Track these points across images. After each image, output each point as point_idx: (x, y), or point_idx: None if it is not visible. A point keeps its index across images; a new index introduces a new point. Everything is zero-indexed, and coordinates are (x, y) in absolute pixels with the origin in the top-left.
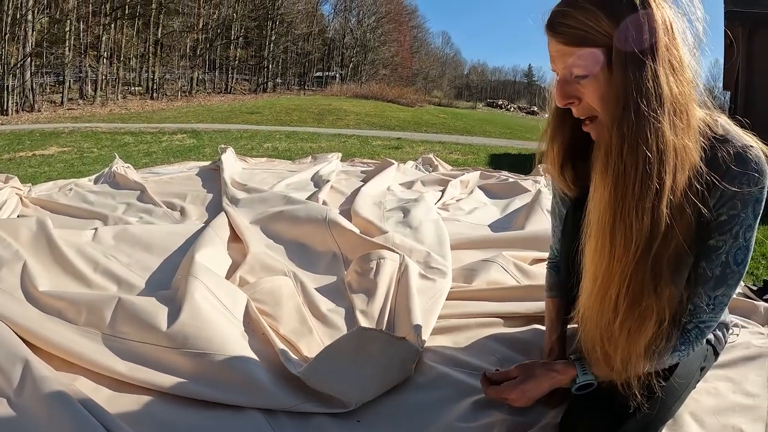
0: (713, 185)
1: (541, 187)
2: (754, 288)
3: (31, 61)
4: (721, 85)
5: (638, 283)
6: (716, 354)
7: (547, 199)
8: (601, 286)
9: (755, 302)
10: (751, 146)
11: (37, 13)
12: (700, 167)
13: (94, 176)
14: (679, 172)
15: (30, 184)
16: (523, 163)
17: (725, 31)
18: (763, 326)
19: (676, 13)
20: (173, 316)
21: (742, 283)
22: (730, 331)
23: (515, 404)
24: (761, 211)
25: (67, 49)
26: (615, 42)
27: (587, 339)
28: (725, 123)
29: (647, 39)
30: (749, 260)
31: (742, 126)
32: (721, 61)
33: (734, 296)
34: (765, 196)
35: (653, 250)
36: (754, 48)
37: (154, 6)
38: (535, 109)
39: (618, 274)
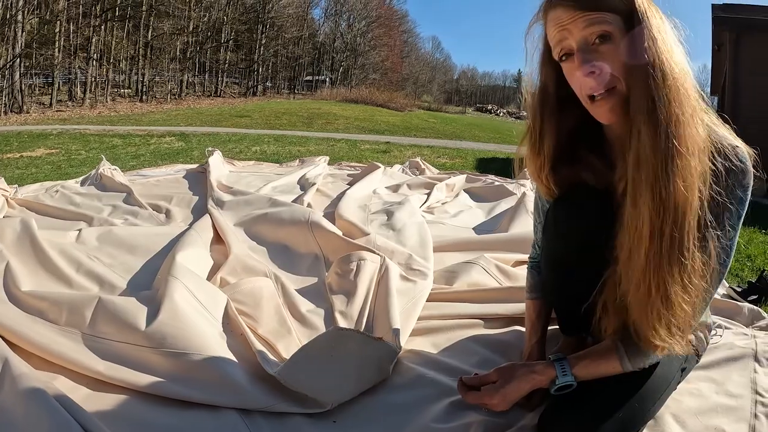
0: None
1: (526, 190)
2: (739, 289)
3: (21, 62)
4: (708, 89)
5: (704, 225)
6: (698, 355)
7: (531, 202)
8: (671, 239)
9: (739, 303)
10: (737, 146)
11: (27, 13)
12: (708, 147)
13: (80, 178)
14: (704, 130)
15: (16, 186)
16: (511, 168)
17: (713, 36)
18: (746, 327)
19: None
20: (152, 316)
21: (726, 284)
22: (713, 332)
23: (497, 409)
24: (745, 211)
25: (56, 50)
26: (636, 7)
27: (643, 313)
28: (711, 123)
29: (659, 19)
30: (731, 260)
31: (727, 123)
32: (709, 66)
33: (719, 298)
34: (749, 196)
35: (696, 205)
36: (741, 53)
37: (144, 8)
38: (525, 113)
39: (687, 220)
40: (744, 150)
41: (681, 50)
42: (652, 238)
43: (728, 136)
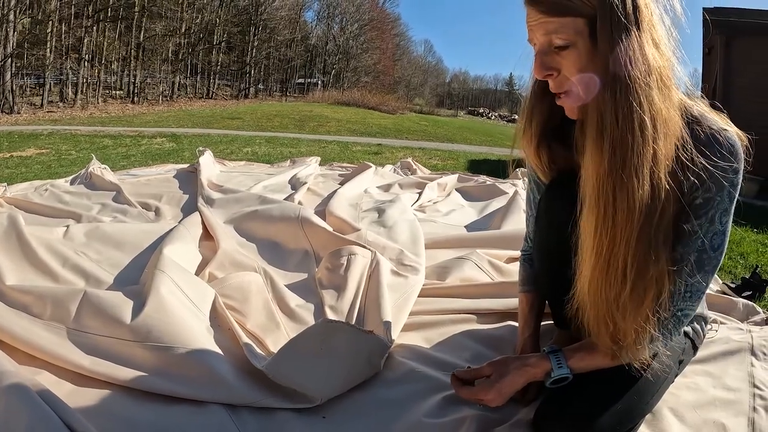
0: (689, 167)
1: (518, 189)
2: (733, 285)
3: (12, 62)
4: (699, 92)
5: (643, 250)
6: (695, 347)
7: (524, 200)
8: (607, 257)
9: (733, 299)
10: (726, 129)
11: (19, 13)
12: (685, 139)
13: (70, 177)
14: (669, 141)
15: (5, 184)
16: (502, 169)
17: (703, 39)
18: (741, 322)
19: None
20: (138, 310)
21: (719, 280)
22: (709, 326)
23: (492, 404)
24: (737, 195)
25: (48, 50)
26: (600, 10)
27: (593, 318)
28: (701, 108)
29: (631, 10)
30: (726, 246)
31: (717, 110)
32: (700, 70)
33: (713, 293)
34: (740, 180)
35: (656, 217)
36: (732, 56)
37: (136, 9)
38: (516, 117)
39: (624, 242)
40: (734, 134)
41: (659, 51)
42: (592, 254)
43: (718, 120)
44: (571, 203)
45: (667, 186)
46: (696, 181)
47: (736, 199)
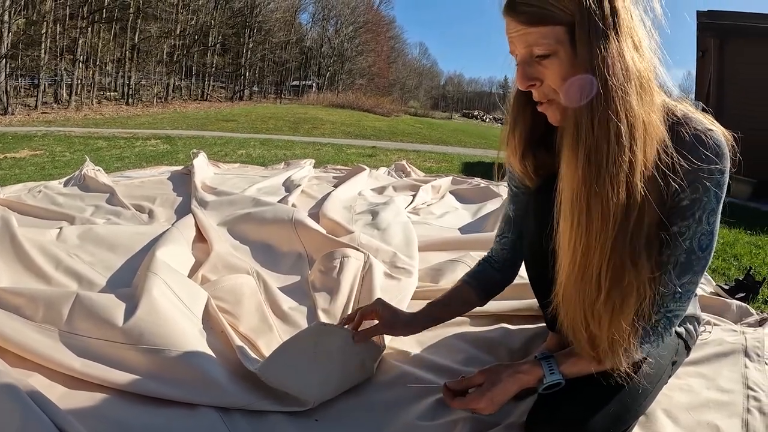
0: (675, 167)
1: None
2: (726, 287)
3: (6, 63)
4: (693, 95)
5: (618, 258)
6: (688, 348)
7: None
8: (581, 265)
9: (727, 300)
10: (711, 129)
11: (14, 14)
12: (666, 143)
13: (64, 179)
14: (649, 146)
15: None
16: (493, 171)
17: (697, 42)
18: (735, 324)
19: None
20: (130, 312)
21: (713, 282)
22: (702, 327)
23: (484, 412)
24: (724, 195)
25: (42, 51)
26: (578, 17)
27: (570, 322)
28: (685, 108)
29: (609, 15)
30: (714, 246)
31: (703, 110)
32: (694, 73)
33: (707, 295)
34: (727, 179)
35: (631, 224)
36: (725, 58)
37: (131, 10)
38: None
39: (598, 250)
40: (719, 133)
41: (639, 54)
42: (567, 261)
43: (704, 120)
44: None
45: (644, 193)
46: (682, 182)
47: (723, 199)
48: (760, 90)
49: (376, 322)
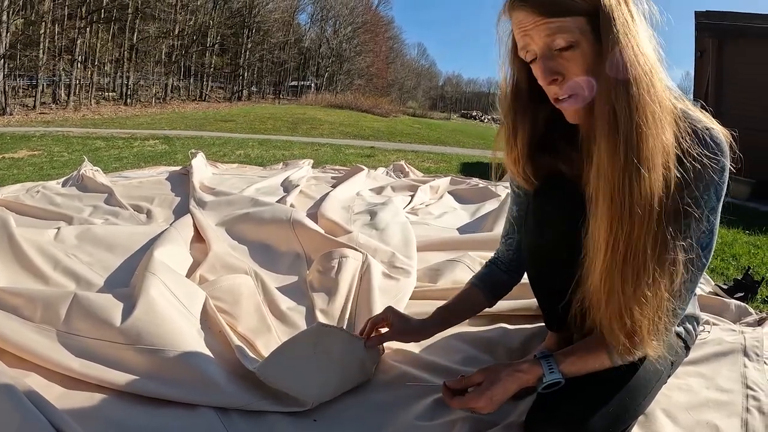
0: (684, 160)
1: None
2: (725, 287)
3: (5, 63)
4: (691, 96)
5: (662, 238)
6: (687, 348)
7: None
8: (623, 252)
9: (726, 300)
10: (711, 127)
11: (12, 14)
12: (680, 133)
13: (62, 179)
14: (671, 131)
15: None
16: (490, 171)
17: (695, 42)
18: (734, 323)
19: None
20: (128, 312)
21: (712, 282)
22: (701, 327)
23: (483, 411)
24: (724, 194)
25: (41, 51)
26: (602, 6)
27: (608, 315)
28: (685, 107)
29: (629, 3)
30: (714, 245)
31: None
32: (692, 73)
33: (705, 295)
34: (727, 178)
35: (667, 207)
36: (724, 59)
37: (130, 11)
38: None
39: (643, 233)
40: (719, 131)
41: (651, 45)
42: (607, 250)
43: (703, 119)
44: (563, 206)
45: (677, 174)
46: (683, 179)
47: (723, 198)
48: (759, 90)
49: (387, 329)
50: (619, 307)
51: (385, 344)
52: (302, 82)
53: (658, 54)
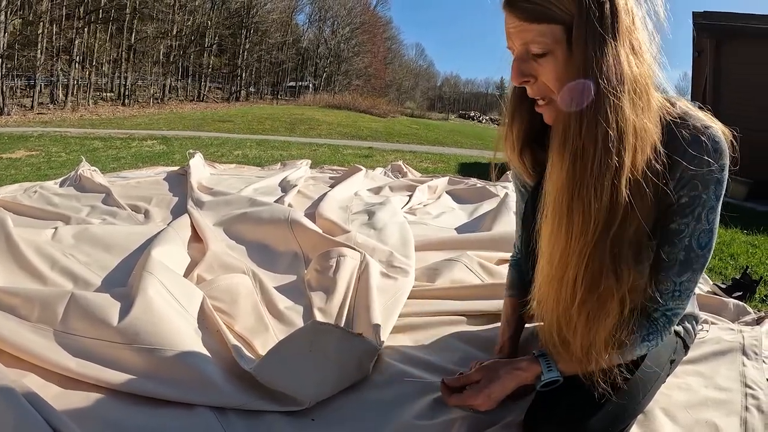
0: (673, 166)
1: (508, 191)
2: (723, 286)
3: (3, 63)
4: (689, 96)
5: (597, 265)
6: (686, 347)
7: (514, 202)
8: (558, 268)
9: (724, 299)
10: (710, 126)
11: (10, 14)
12: (660, 148)
13: (59, 179)
14: (639, 152)
15: None
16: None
17: (693, 43)
18: (732, 322)
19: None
20: (125, 312)
21: (710, 282)
22: (700, 326)
23: (481, 409)
24: (723, 193)
25: (39, 52)
26: (576, 18)
27: (545, 325)
28: (684, 106)
29: (608, 17)
30: (714, 245)
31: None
32: (690, 74)
33: (704, 294)
34: (726, 177)
35: (612, 231)
36: (721, 59)
37: (128, 11)
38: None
39: (576, 254)
40: (718, 130)
41: (635, 56)
42: (547, 262)
43: (703, 118)
44: None
45: (629, 200)
46: (680, 179)
47: (722, 197)
48: (756, 90)
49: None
50: (552, 321)
51: (383, 341)
52: (300, 83)
53: (651, 64)
